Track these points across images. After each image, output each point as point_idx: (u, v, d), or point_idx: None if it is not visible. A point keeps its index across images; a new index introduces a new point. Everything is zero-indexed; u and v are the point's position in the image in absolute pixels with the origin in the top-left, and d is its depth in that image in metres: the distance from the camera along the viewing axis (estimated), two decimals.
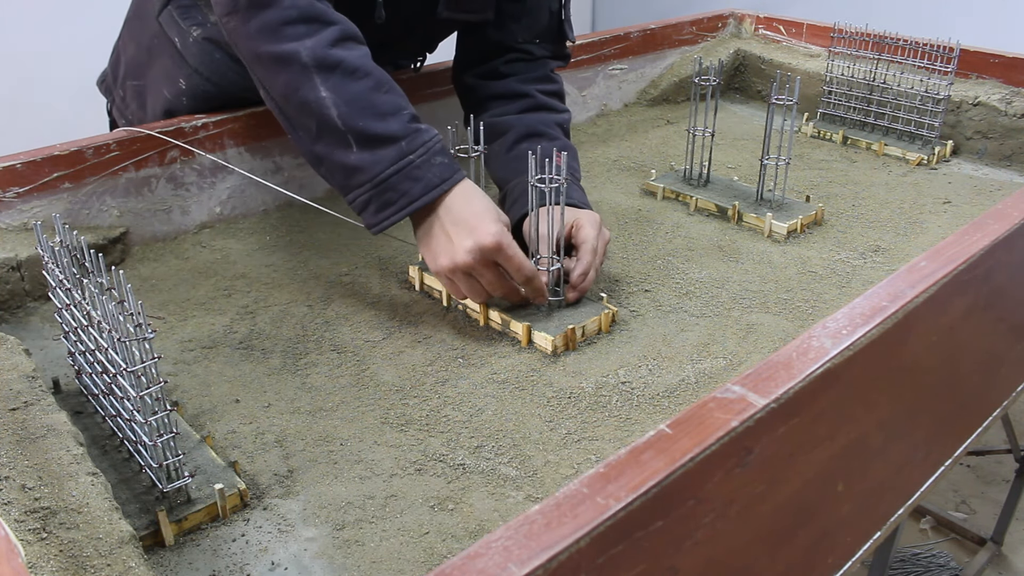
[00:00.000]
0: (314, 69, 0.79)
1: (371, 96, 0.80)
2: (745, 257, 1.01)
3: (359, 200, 0.82)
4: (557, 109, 1.09)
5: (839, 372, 0.56)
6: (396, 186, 0.80)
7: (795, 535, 0.60)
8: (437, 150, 0.82)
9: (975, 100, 1.31)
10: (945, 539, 1.69)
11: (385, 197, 0.80)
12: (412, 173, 0.80)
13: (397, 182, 0.80)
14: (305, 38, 0.79)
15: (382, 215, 0.81)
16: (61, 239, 0.64)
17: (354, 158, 0.80)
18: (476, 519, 0.63)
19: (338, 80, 0.79)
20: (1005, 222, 0.73)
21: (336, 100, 0.79)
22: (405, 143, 0.80)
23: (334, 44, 0.80)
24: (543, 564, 0.39)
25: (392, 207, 0.81)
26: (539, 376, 0.79)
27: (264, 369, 0.80)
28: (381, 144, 0.79)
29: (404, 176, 0.80)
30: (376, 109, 0.80)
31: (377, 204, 0.81)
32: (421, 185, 0.80)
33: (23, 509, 0.54)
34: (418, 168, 0.80)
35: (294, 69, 0.80)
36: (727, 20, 1.68)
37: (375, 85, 0.81)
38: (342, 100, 0.79)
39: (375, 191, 0.80)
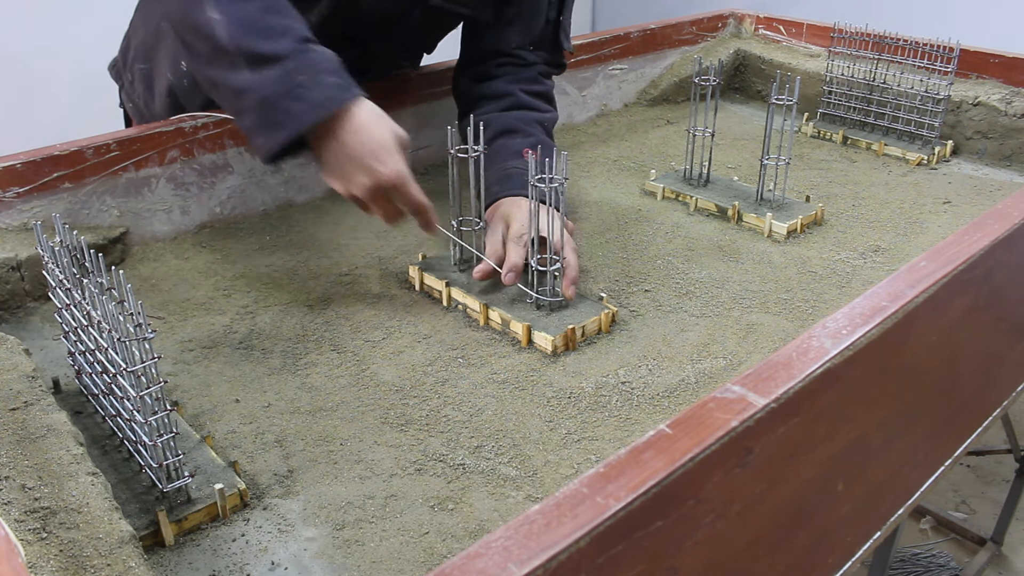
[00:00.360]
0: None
1: (260, 17, 0.78)
2: (745, 257, 1.01)
3: (248, 123, 0.79)
4: (540, 108, 1.10)
5: (839, 372, 0.56)
6: (280, 106, 0.77)
7: (795, 535, 0.60)
8: (327, 69, 0.79)
9: (975, 100, 1.31)
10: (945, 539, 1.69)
11: (271, 118, 0.78)
12: (297, 92, 0.77)
13: (282, 103, 0.77)
14: None
15: (272, 138, 0.78)
16: (61, 239, 0.64)
17: (243, 79, 0.78)
18: (476, 519, 0.63)
19: (229, 2, 0.78)
20: (1005, 222, 0.73)
21: (225, 21, 0.77)
22: (291, 62, 0.77)
23: None
24: (543, 564, 0.39)
25: (279, 129, 0.78)
26: (539, 376, 0.79)
27: (264, 369, 0.80)
28: (267, 63, 0.77)
29: (289, 95, 0.77)
30: (265, 30, 0.78)
31: (264, 126, 0.78)
32: (306, 104, 0.77)
33: (23, 509, 0.54)
34: (303, 88, 0.77)
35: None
36: (727, 20, 1.68)
37: (266, 7, 0.79)
38: (232, 21, 0.78)
39: (260, 111, 0.78)
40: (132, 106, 1.17)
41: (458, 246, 0.92)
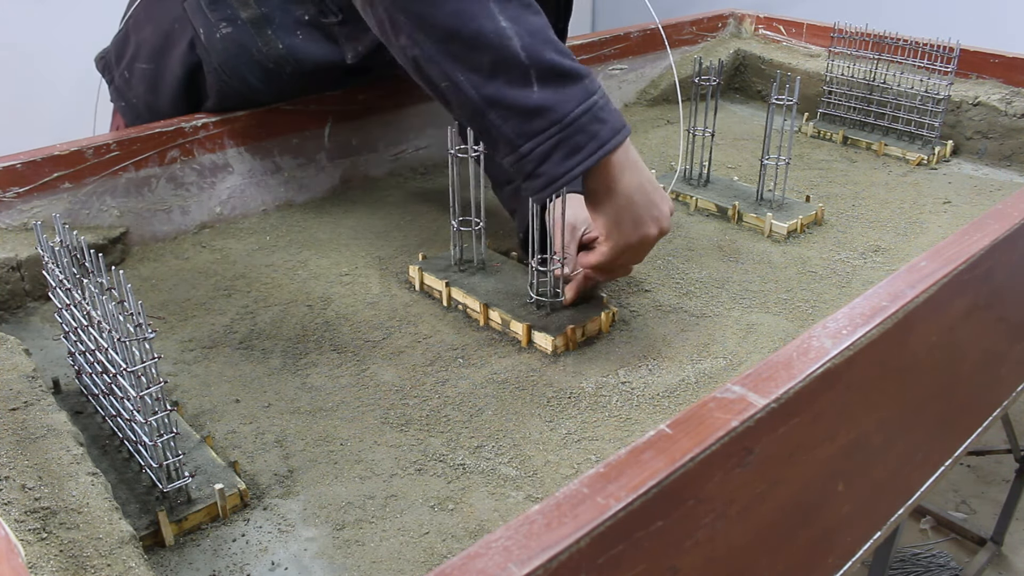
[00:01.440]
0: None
1: (549, 32, 0.71)
2: (745, 257, 1.01)
3: (541, 148, 0.70)
4: None
5: (839, 372, 0.56)
6: (586, 127, 0.70)
7: (795, 535, 0.60)
8: (607, 95, 0.74)
9: (975, 100, 1.31)
10: (945, 539, 1.69)
11: (574, 140, 0.70)
12: (599, 115, 0.71)
13: (587, 123, 0.70)
14: None
15: (570, 162, 0.70)
16: (61, 239, 0.64)
17: (536, 97, 0.69)
18: (476, 519, 0.63)
19: (516, 10, 0.70)
20: (1005, 222, 0.73)
21: (519, 31, 0.69)
22: (589, 81, 0.71)
23: None
24: (543, 564, 0.39)
25: (582, 151, 0.70)
26: (539, 376, 0.79)
27: (264, 369, 0.80)
28: (567, 81, 0.70)
29: (592, 117, 0.70)
30: (556, 45, 0.71)
31: (566, 149, 0.70)
32: (608, 127, 0.71)
33: (23, 509, 0.54)
34: (603, 110, 0.71)
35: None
36: (727, 20, 1.68)
37: (546, 23, 0.72)
38: (526, 31, 0.70)
39: (564, 134, 0.70)
40: (125, 104, 1.13)
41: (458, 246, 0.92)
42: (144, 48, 1.08)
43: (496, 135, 0.73)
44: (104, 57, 1.15)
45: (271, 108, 1.10)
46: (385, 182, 1.22)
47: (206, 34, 1.01)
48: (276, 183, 1.12)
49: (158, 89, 1.08)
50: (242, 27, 1.00)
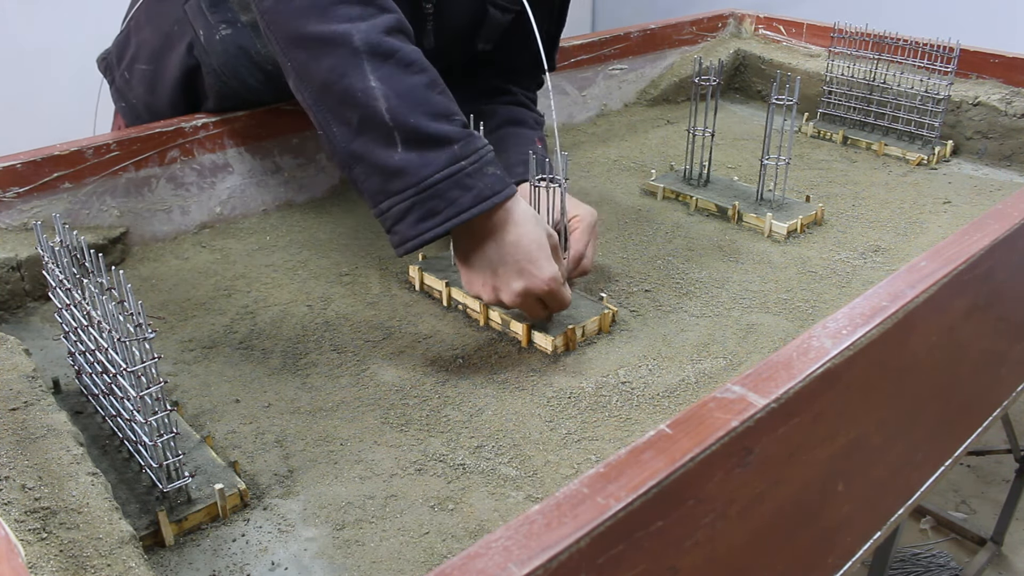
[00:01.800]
0: (365, 55, 0.71)
1: (425, 93, 0.72)
2: (745, 257, 1.01)
3: (396, 208, 0.72)
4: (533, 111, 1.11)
5: (839, 372, 0.56)
6: (444, 193, 0.71)
7: (795, 535, 0.60)
8: (489, 160, 0.75)
9: (975, 100, 1.31)
10: (945, 539, 1.69)
11: (430, 205, 0.72)
12: (463, 181, 0.71)
13: (446, 188, 0.71)
14: (358, 20, 0.72)
15: (423, 226, 0.72)
16: (61, 239, 0.64)
17: (398, 159, 0.71)
18: (476, 519, 0.63)
19: (391, 70, 0.71)
20: (1005, 222, 0.73)
21: (387, 92, 0.71)
22: (458, 147, 0.72)
23: (389, 32, 0.73)
24: (543, 564, 0.39)
25: (437, 217, 0.72)
26: (539, 376, 0.79)
27: (264, 369, 0.80)
28: (432, 145, 0.71)
29: (454, 183, 0.71)
30: (430, 108, 0.72)
31: (420, 213, 0.72)
32: (472, 195, 0.72)
33: (23, 509, 0.54)
34: (470, 176, 0.71)
35: (342, 53, 0.71)
36: (727, 20, 1.68)
37: (430, 83, 0.73)
38: (393, 93, 0.71)
39: (419, 197, 0.71)
40: (125, 105, 1.14)
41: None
42: (144, 49, 1.08)
43: (362, 188, 0.75)
44: (106, 58, 1.15)
45: (271, 108, 1.10)
46: None
47: (206, 36, 1.01)
48: (276, 183, 1.12)
49: (157, 90, 1.09)
50: (242, 30, 1.00)
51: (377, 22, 0.73)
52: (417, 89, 0.73)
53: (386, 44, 0.72)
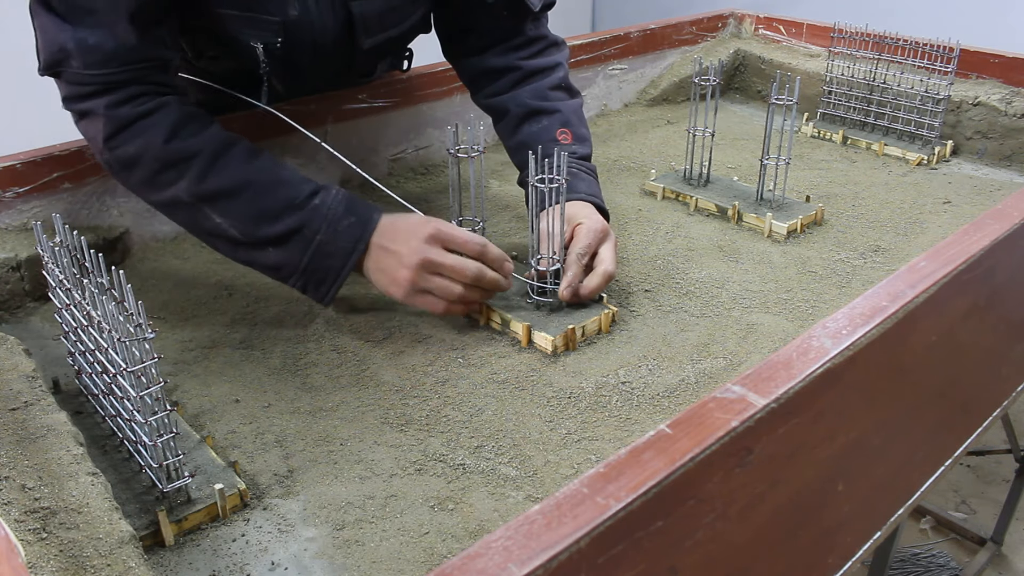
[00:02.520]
0: (200, 204, 0.83)
1: (258, 204, 0.83)
2: (745, 257, 1.01)
3: (299, 285, 0.85)
4: (548, 68, 1.05)
5: (839, 372, 0.56)
6: (319, 266, 0.83)
7: (795, 535, 0.60)
8: (340, 214, 0.83)
9: (975, 100, 1.31)
10: (945, 539, 1.69)
11: (315, 279, 0.84)
12: (325, 250, 0.83)
13: (318, 264, 0.83)
14: (179, 181, 0.82)
15: (321, 291, 0.84)
16: (61, 239, 0.64)
17: (272, 258, 0.84)
18: (476, 519, 0.63)
19: (222, 205, 0.83)
20: (1005, 222, 0.73)
21: (231, 222, 0.83)
22: (307, 229, 0.82)
23: (206, 171, 0.82)
24: (543, 564, 0.39)
25: (325, 283, 0.84)
26: (539, 376, 0.79)
27: (264, 369, 0.80)
28: (285, 241, 0.83)
29: (321, 256, 0.83)
30: (267, 214, 0.82)
31: (313, 284, 0.84)
32: (338, 258, 0.83)
33: (23, 509, 0.54)
34: (328, 244, 0.82)
35: (184, 208, 0.84)
36: (727, 20, 1.68)
37: (256, 193, 0.83)
38: (236, 220, 0.83)
39: (304, 278, 0.84)
40: None
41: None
42: None
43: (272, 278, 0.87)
44: None
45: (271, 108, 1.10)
46: (385, 182, 1.22)
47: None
48: None
49: None
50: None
51: (192, 172, 0.82)
52: (249, 206, 0.83)
53: (206, 188, 0.82)
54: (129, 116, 0.81)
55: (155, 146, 0.81)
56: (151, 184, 0.84)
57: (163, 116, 0.82)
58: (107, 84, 0.81)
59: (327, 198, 0.84)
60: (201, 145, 0.83)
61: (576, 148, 1.00)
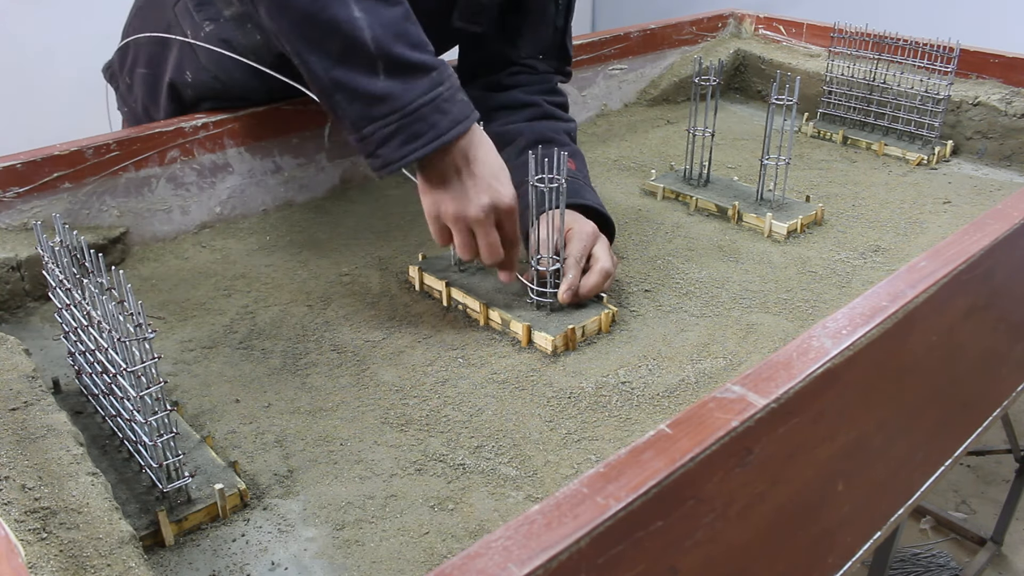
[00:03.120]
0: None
1: (404, 24, 0.77)
2: (745, 257, 1.01)
3: (380, 133, 0.77)
4: (563, 118, 1.10)
5: (839, 372, 0.56)
6: (426, 117, 0.76)
7: (795, 535, 0.60)
8: (459, 86, 0.80)
9: (975, 100, 1.31)
10: (945, 539, 1.69)
11: (414, 128, 0.76)
12: (441, 106, 0.77)
13: (427, 113, 0.76)
14: None
15: (407, 148, 0.77)
16: (61, 239, 0.64)
17: (381, 86, 0.75)
18: (476, 519, 0.63)
19: (372, 2, 0.76)
20: (1005, 222, 0.73)
21: (371, 22, 0.75)
22: (436, 74, 0.77)
23: None
24: (543, 564, 0.39)
25: (420, 139, 0.77)
26: (539, 376, 0.79)
27: (264, 369, 0.80)
28: (414, 73, 0.76)
29: (434, 108, 0.76)
30: (409, 38, 0.77)
31: (404, 136, 0.77)
32: (449, 119, 0.77)
33: (23, 509, 0.54)
34: (447, 101, 0.77)
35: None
36: (727, 20, 1.68)
37: (405, 14, 0.78)
38: (377, 22, 0.75)
39: (403, 121, 0.76)
40: (128, 111, 1.16)
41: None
42: (142, 53, 1.10)
43: (341, 115, 0.79)
44: (110, 67, 1.18)
45: (271, 108, 1.10)
46: (385, 182, 1.22)
47: (193, 35, 1.03)
48: (276, 183, 1.12)
49: (156, 93, 1.10)
50: (224, 24, 1.02)
51: None
52: (397, 20, 0.77)
53: None
54: None
55: None
56: None
57: None
58: None
59: (449, 66, 0.80)
60: None
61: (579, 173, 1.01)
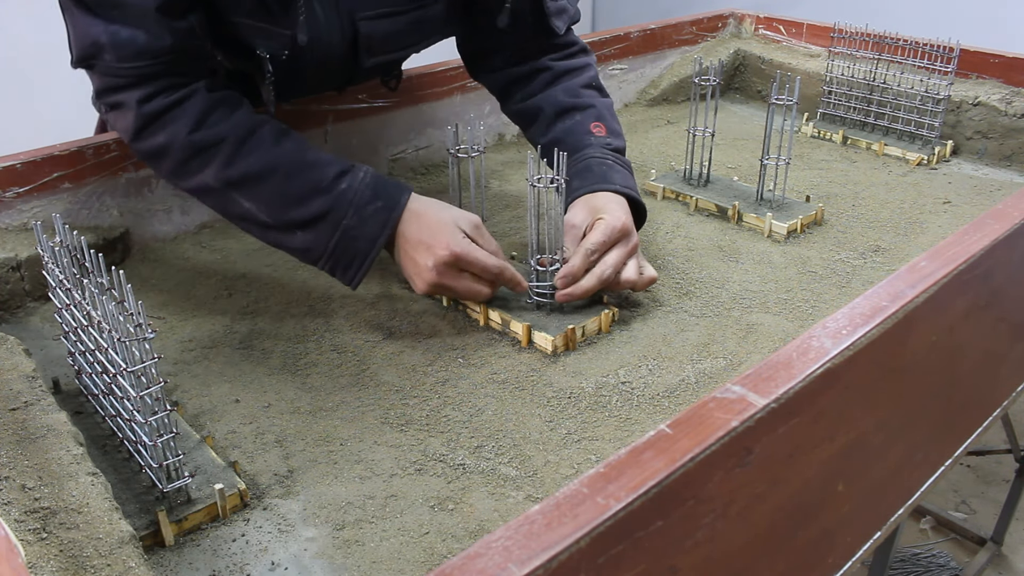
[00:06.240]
0: (228, 189, 0.84)
1: (285, 189, 0.83)
2: (745, 257, 1.01)
3: (325, 269, 0.86)
4: (580, 68, 1.05)
5: (839, 372, 0.56)
6: (346, 250, 0.84)
7: (795, 535, 0.60)
8: (367, 199, 0.84)
9: (975, 100, 1.31)
10: (945, 539, 1.69)
11: (343, 261, 0.84)
12: (352, 234, 0.83)
13: (345, 247, 0.84)
14: (206, 168, 0.84)
15: (349, 273, 0.85)
16: (61, 239, 0.64)
17: (299, 241, 0.85)
18: (476, 519, 0.63)
19: (250, 189, 0.84)
20: (1005, 222, 0.73)
21: (259, 207, 0.84)
22: (332, 214, 0.83)
23: (232, 157, 0.83)
24: (543, 564, 0.39)
25: (352, 266, 0.85)
26: (539, 376, 0.79)
27: (264, 369, 0.80)
28: (313, 224, 0.83)
29: (348, 239, 0.83)
30: (295, 198, 0.83)
31: (341, 267, 0.85)
32: (365, 242, 0.84)
33: (23, 509, 0.54)
34: (355, 228, 0.83)
35: (214, 194, 0.85)
36: (727, 20, 1.68)
37: (284, 176, 0.84)
38: (263, 204, 0.84)
39: (332, 260, 0.84)
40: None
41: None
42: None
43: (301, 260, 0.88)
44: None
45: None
46: None
47: None
48: None
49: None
50: None
51: (219, 159, 0.83)
52: (277, 191, 0.84)
53: (233, 173, 0.83)
54: (158, 109, 0.83)
55: (181, 136, 0.83)
56: (180, 173, 0.85)
57: (191, 105, 0.83)
58: (140, 77, 0.82)
59: (354, 181, 0.84)
60: (227, 132, 0.84)
61: (610, 141, 0.99)
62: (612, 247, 0.86)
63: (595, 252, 0.85)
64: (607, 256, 0.86)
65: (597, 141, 0.98)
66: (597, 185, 0.92)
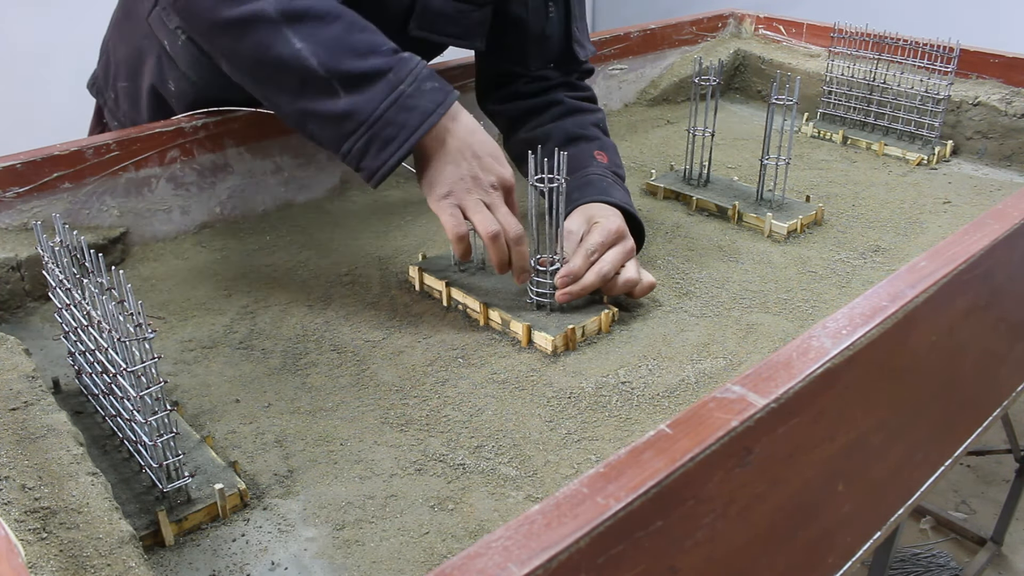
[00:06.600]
0: (283, 23, 0.76)
1: (346, 37, 0.77)
2: (745, 257, 1.01)
3: (356, 147, 0.77)
4: (590, 110, 1.08)
5: (839, 372, 0.56)
6: (393, 120, 0.76)
7: (795, 535, 0.60)
8: (425, 75, 0.78)
9: (975, 100, 1.31)
10: (945, 539, 1.69)
11: (384, 135, 0.76)
12: (406, 103, 0.76)
13: (393, 115, 0.76)
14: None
15: (384, 155, 0.77)
16: (61, 239, 0.64)
17: (343, 103, 0.76)
18: (476, 519, 0.63)
19: (310, 28, 0.76)
20: (1005, 222, 0.73)
21: (313, 49, 0.75)
22: (392, 75, 0.76)
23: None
24: (543, 564, 0.39)
25: (393, 143, 0.76)
26: (539, 376, 0.79)
27: (264, 369, 0.80)
28: (368, 82, 0.76)
29: (399, 108, 0.76)
30: (355, 49, 0.76)
31: (377, 144, 0.77)
32: (418, 114, 0.76)
33: (23, 509, 0.54)
34: (411, 97, 0.76)
35: (262, 28, 0.76)
36: (727, 20, 1.68)
37: (347, 26, 0.77)
38: (319, 47, 0.76)
39: (372, 131, 0.76)
40: (117, 124, 1.15)
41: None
42: (121, 67, 1.10)
43: (319, 140, 0.80)
44: (95, 82, 1.17)
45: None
46: (385, 182, 1.21)
47: (170, 44, 1.02)
48: (276, 183, 1.12)
49: (138, 104, 1.10)
50: None
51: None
52: (338, 36, 0.77)
53: (297, 5, 0.76)
54: None
55: None
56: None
57: None
58: None
59: (414, 58, 0.79)
60: None
61: (613, 169, 1.00)
62: (610, 247, 0.87)
63: (595, 252, 0.86)
64: (607, 255, 0.87)
65: (600, 164, 0.99)
66: (596, 197, 0.93)
